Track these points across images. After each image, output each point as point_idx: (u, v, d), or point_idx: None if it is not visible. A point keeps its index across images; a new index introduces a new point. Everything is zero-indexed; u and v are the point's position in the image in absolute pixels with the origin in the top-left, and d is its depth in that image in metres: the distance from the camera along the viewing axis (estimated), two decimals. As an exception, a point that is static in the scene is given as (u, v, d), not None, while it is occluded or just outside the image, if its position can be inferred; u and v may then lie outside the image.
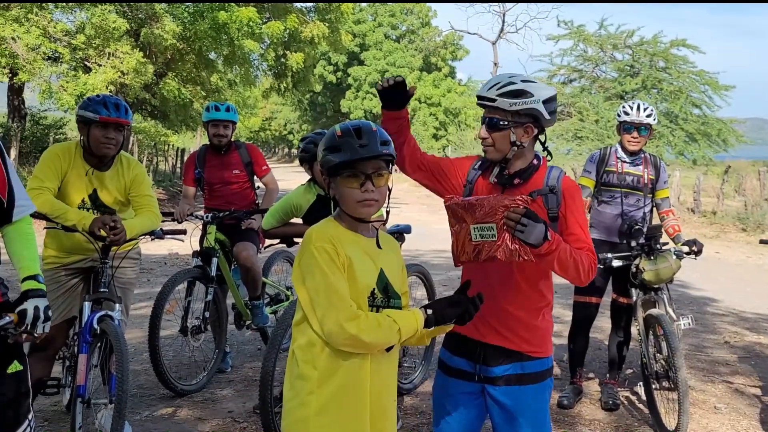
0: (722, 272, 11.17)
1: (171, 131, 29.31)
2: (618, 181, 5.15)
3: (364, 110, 45.90)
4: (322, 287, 2.24)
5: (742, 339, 7.28)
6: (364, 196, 2.30)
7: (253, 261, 5.62)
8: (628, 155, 5.16)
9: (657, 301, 4.96)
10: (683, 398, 4.38)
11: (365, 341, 2.20)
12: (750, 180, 19.14)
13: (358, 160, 2.27)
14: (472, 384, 2.73)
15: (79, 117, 4.11)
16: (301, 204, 4.60)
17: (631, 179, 5.14)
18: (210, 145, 5.96)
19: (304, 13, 21.61)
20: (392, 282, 2.41)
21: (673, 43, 30.55)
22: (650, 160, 5.21)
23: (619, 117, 5.14)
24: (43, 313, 2.59)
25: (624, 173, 5.14)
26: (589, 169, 5.26)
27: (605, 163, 5.18)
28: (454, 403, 2.77)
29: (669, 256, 4.83)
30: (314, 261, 2.25)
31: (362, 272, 2.32)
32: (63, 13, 18.09)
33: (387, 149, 2.32)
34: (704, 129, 29.69)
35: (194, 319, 5.51)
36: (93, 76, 17.05)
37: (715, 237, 16.14)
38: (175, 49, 18.90)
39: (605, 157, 5.21)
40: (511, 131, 2.63)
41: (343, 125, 2.37)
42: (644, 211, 5.17)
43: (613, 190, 5.17)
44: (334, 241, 2.28)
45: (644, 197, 5.16)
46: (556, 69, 33.26)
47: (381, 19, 47.59)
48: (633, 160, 5.16)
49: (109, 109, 4.05)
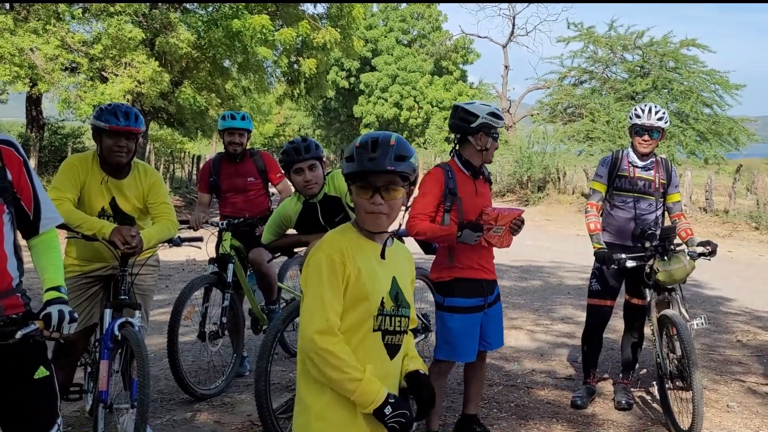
0: (735, 271, 11.16)
1: (187, 138, 29.53)
2: (630, 186, 5.16)
3: (376, 115, 45.95)
4: (314, 294, 2.28)
5: (755, 338, 7.29)
6: (371, 208, 2.33)
7: (268, 266, 5.68)
8: (639, 158, 5.16)
9: (671, 302, 4.97)
10: (698, 399, 4.38)
11: (324, 365, 2.21)
12: (762, 178, 19.02)
13: (367, 172, 2.31)
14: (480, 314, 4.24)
15: (93, 126, 4.21)
16: (290, 216, 4.66)
17: (643, 184, 5.14)
18: (225, 153, 6.05)
19: (316, 20, 21.74)
20: (404, 290, 2.46)
21: (682, 43, 30.51)
22: (662, 164, 5.22)
23: (631, 120, 5.15)
24: (69, 314, 2.63)
25: (636, 178, 5.14)
26: (601, 174, 5.26)
27: (617, 168, 5.19)
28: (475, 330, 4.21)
29: (683, 257, 4.85)
30: (317, 267, 2.29)
31: (373, 281, 2.35)
32: (80, 23, 18.31)
33: (399, 166, 2.32)
34: (715, 128, 29.62)
35: (212, 324, 5.58)
36: (110, 85, 17.26)
37: (727, 236, 16.08)
38: (190, 57, 19.09)
39: (617, 161, 5.20)
40: None
41: (365, 136, 2.40)
42: (656, 214, 5.19)
43: (625, 195, 5.17)
44: (344, 252, 2.31)
45: (656, 201, 5.17)
46: (567, 71, 33.27)
47: (392, 24, 47.63)
48: (645, 165, 5.16)
49: (118, 118, 4.11)
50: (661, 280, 4.85)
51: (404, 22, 47.93)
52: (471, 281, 4.18)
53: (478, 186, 4.22)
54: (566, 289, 9.84)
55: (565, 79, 33.72)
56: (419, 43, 48.13)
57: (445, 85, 45.45)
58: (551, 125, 32.03)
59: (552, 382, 5.77)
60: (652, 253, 4.90)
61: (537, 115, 35.31)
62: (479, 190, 4.22)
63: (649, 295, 5.03)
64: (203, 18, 19.00)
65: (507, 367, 6.12)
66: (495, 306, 4.36)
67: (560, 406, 5.22)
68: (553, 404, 5.27)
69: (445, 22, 50.05)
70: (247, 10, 18.39)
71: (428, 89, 44.99)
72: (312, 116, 57.40)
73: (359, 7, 22.42)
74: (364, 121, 47.04)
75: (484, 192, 4.28)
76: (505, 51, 40.49)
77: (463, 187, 4.14)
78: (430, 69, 45.99)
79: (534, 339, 7.13)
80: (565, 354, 6.59)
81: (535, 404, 5.25)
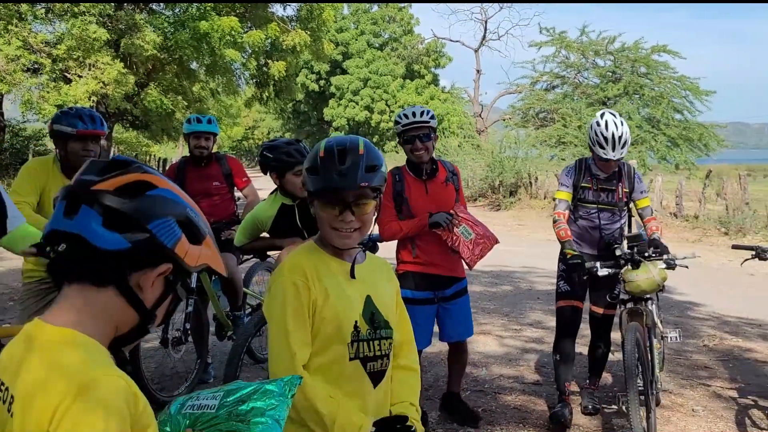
0: (704, 276, 11.24)
1: (153, 141, 29.22)
2: (593, 198, 5.05)
3: (347, 118, 45.93)
4: (277, 327, 2.10)
5: (721, 342, 7.34)
6: (341, 225, 2.09)
7: (233, 272, 5.61)
8: (602, 173, 5.02)
9: (644, 312, 4.80)
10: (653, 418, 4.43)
11: (297, 404, 2.00)
12: (731, 184, 19.24)
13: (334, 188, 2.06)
14: None
15: (55, 131, 4.11)
16: (263, 220, 4.57)
17: (605, 195, 5.04)
18: (190, 157, 5.96)
19: (286, 22, 21.64)
20: (381, 310, 2.22)
21: (654, 49, 30.90)
22: (624, 173, 5.08)
23: (592, 147, 4.89)
24: None
25: (599, 190, 5.03)
26: (565, 183, 5.13)
27: (581, 179, 5.07)
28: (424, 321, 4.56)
29: (652, 267, 4.65)
30: (280, 295, 2.10)
31: (343, 304, 2.13)
32: (43, 24, 18.02)
33: (371, 180, 2.07)
34: (686, 134, 30.06)
35: (175, 330, 5.47)
36: (74, 87, 17.03)
37: (697, 241, 16.24)
38: (156, 59, 18.87)
39: (581, 172, 5.07)
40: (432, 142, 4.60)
41: (329, 143, 2.13)
42: (620, 224, 5.13)
43: (588, 207, 5.08)
44: (308, 274, 2.10)
45: (619, 210, 5.10)
46: (539, 75, 33.49)
47: (363, 27, 47.68)
48: (607, 177, 5.02)
49: (85, 122, 4.07)
50: (628, 290, 4.74)
51: (376, 25, 48.03)
52: (422, 275, 4.62)
53: (429, 187, 4.62)
54: (536, 294, 9.84)
55: (537, 83, 33.94)
56: (391, 46, 48.24)
57: (416, 89, 45.58)
58: (523, 130, 32.17)
59: (520, 388, 5.74)
60: (623, 261, 4.77)
61: (509, 120, 35.46)
62: (431, 191, 4.62)
63: (621, 304, 4.95)
64: (170, 19, 18.80)
65: (475, 373, 6.07)
66: (455, 301, 4.73)
67: (527, 411, 5.20)
68: (520, 409, 5.24)
69: (417, 26, 50.29)
70: (215, 12, 18.23)
71: (400, 93, 45.08)
72: (281, 119, 57.28)
73: (329, 10, 22.37)
74: (335, 124, 47.00)
75: (438, 193, 4.63)
76: (477, 55, 40.66)
77: (410, 189, 4.61)
78: (402, 73, 46.11)
79: (503, 344, 7.10)
80: (533, 359, 6.57)
81: (503, 409, 5.23)
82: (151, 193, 1.43)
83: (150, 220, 1.40)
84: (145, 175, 1.44)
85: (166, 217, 1.43)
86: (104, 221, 1.37)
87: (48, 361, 1.33)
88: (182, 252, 1.45)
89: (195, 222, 1.49)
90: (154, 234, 1.40)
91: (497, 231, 4.29)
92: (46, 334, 1.38)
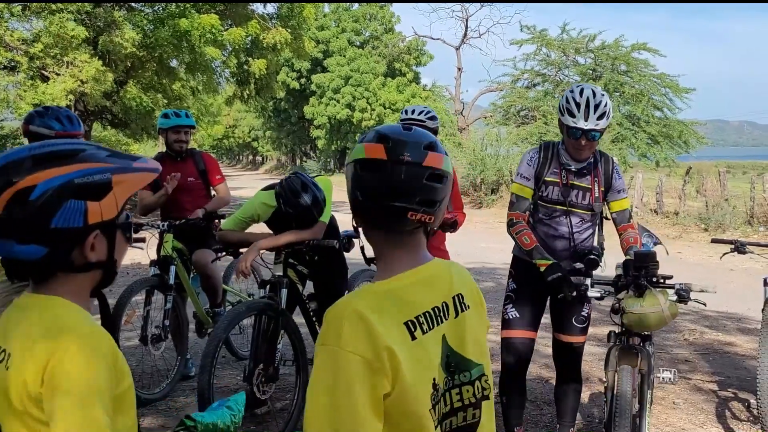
0: (684, 272, 11.30)
1: (132, 140, 28.96)
2: (560, 197, 3.94)
3: (328, 117, 45.82)
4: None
5: (701, 336, 7.39)
6: None
7: (212, 268, 5.57)
8: (574, 162, 3.92)
9: (639, 354, 3.69)
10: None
11: None
12: (711, 181, 19.47)
13: None
14: None
15: (32, 133, 4.02)
16: (262, 211, 4.75)
17: (575, 193, 3.95)
18: (167, 153, 5.90)
19: (266, 20, 21.49)
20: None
21: (634, 47, 31.10)
22: (600, 166, 3.98)
23: (561, 115, 3.79)
24: None
25: (569, 186, 3.93)
26: (525, 174, 3.98)
27: (546, 170, 3.94)
28: None
29: (662, 297, 3.55)
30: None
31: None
32: (19, 21, 17.78)
33: None
34: (666, 131, 30.34)
35: (154, 328, 5.48)
36: (52, 85, 16.80)
37: (677, 237, 16.38)
38: (135, 56, 18.68)
39: (547, 161, 3.95)
40: None
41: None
42: (591, 231, 4.06)
43: (552, 207, 3.97)
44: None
45: (593, 216, 4.03)
46: (520, 73, 33.63)
47: (344, 24, 47.55)
48: (580, 168, 3.92)
49: (63, 123, 4.03)
50: (627, 323, 3.61)
51: (357, 23, 47.92)
52: None
53: None
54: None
55: (518, 81, 34.09)
56: (372, 44, 48.15)
57: (398, 87, 45.52)
58: (504, 128, 32.27)
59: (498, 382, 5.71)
60: (624, 284, 3.66)
61: (490, 118, 35.59)
62: None
63: (612, 337, 3.82)
64: (149, 17, 18.62)
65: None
66: None
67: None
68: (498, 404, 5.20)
69: (398, 24, 50.27)
70: (195, 10, 18.09)
71: (381, 91, 45.01)
72: (262, 118, 57.04)
73: (310, 8, 22.24)
74: (316, 122, 46.88)
75: None
76: (458, 53, 40.73)
77: None
78: (383, 71, 46.03)
79: (484, 339, 7.09)
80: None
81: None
82: (33, 197, 1.45)
83: (48, 219, 1.46)
84: (19, 183, 1.45)
85: (60, 206, 1.46)
86: (17, 239, 1.47)
87: (43, 318, 1.49)
88: (96, 217, 1.51)
89: (88, 182, 1.50)
90: (61, 227, 1.47)
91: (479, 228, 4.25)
92: (38, 300, 1.54)
